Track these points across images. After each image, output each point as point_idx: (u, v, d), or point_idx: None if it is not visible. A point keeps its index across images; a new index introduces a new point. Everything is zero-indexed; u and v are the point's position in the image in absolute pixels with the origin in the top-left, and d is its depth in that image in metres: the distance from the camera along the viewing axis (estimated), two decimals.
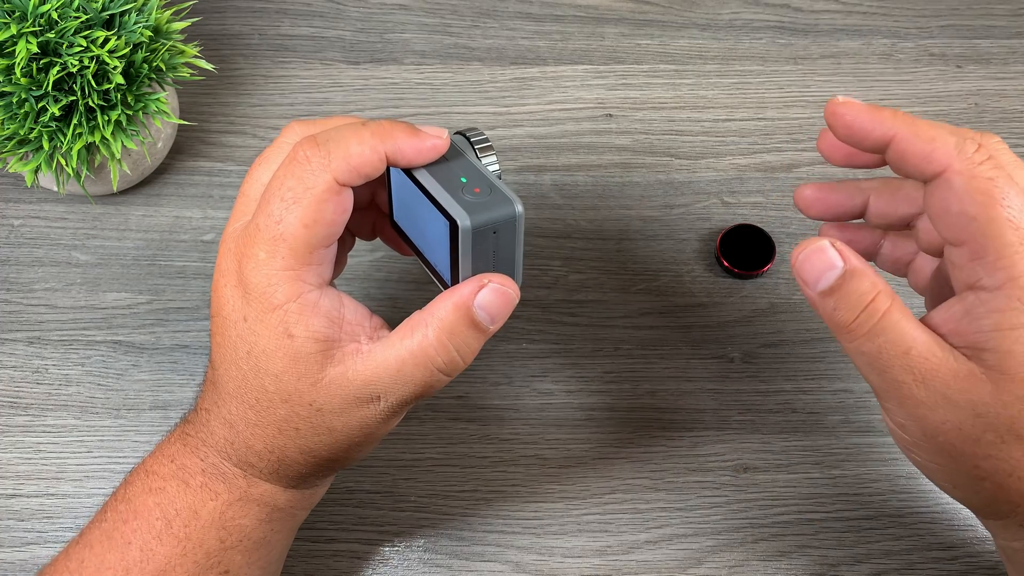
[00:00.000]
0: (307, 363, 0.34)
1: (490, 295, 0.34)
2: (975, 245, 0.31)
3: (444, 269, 0.36)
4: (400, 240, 0.41)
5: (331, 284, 0.36)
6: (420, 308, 0.35)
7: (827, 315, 0.33)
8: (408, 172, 0.36)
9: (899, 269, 0.41)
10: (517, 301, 0.35)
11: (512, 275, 0.36)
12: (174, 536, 0.36)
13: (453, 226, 0.34)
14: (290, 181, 0.33)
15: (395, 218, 0.39)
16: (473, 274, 0.35)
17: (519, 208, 0.35)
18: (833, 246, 0.32)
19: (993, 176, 0.30)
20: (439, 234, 0.35)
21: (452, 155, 0.36)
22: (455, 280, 0.35)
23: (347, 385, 0.34)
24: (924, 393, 0.32)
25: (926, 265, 0.39)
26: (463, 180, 0.35)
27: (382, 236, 0.43)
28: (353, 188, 0.34)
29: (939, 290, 0.38)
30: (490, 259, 0.35)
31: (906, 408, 0.33)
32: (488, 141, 0.39)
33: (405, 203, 0.38)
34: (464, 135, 0.39)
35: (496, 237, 0.35)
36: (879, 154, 0.33)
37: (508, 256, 0.36)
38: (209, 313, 0.37)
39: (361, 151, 0.34)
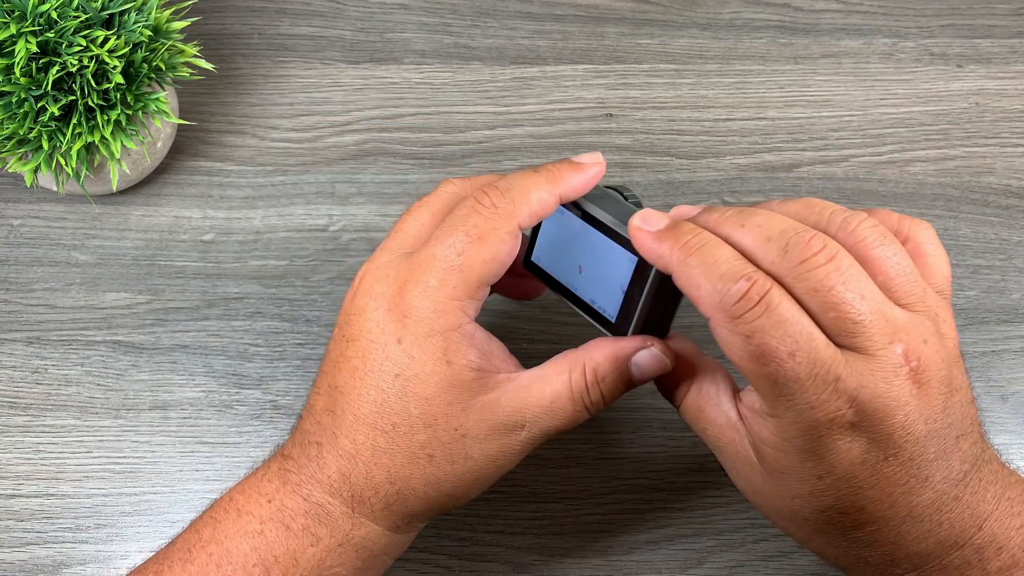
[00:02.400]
0: (462, 389, 0.35)
1: (648, 358, 0.37)
2: (750, 381, 0.33)
3: (610, 305, 0.38)
4: (519, 282, 0.42)
5: None
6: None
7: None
8: (580, 209, 0.38)
9: None
10: (669, 369, 0.37)
11: (668, 324, 0.38)
12: None
13: (644, 263, 0.35)
14: (476, 219, 0.35)
15: (533, 258, 0.41)
16: (649, 313, 0.36)
17: None
18: (653, 349, 0.37)
19: (751, 332, 0.31)
20: (615, 271, 0.37)
21: (611, 199, 0.38)
22: (626, 315, 0.37)
23: (498, 411, 0.35)
24: (721, 459, 0.37)
25: None
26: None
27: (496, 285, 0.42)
28: None
29: None
30: (661, 303, 0.37)
31: (722, 463, 0.37)
32: (638, 198, 0.40)
33: (560, 242, 0.39)
34: (617, 190, 0.40)
35: (671, 281, 0.35)
36: None
37: (673, 306, 0.37)
38: (342, 335, 0.37)
39: (540, 196, 0.36)
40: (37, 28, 0.46)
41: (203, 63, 0.52)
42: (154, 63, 0.50)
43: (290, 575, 0.35)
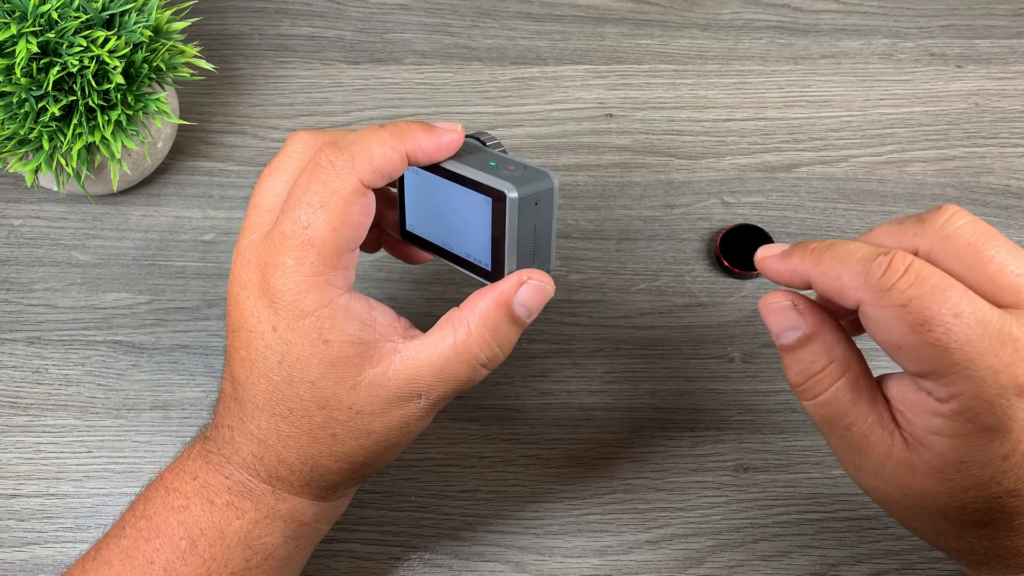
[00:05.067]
0: (345, 367, 0.34)
1: (530, 291, 0.35)
2: (913, 369, 0.30)
3: (482, 254, 0.37)
4: (408, 250, 0.41)
5: None
6: (420, 307, 0.35)
7: (784, 368, 0.34)
8: (433, 167, 0.36)
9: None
10: (552, 294, 0.36)
11: (548, 254, 0.37)
12: (199, 556, 0.36)
13: (498, 201, 0.34)
14: (315, 186, 0.33)
15: (408, 227, 0.40)
16: (519, 249, 0.35)
17: (555, 180, 0.36)
18: (797, 306, 0.33)
19: (907, 300, 0.29)
20: (477, 218, 0.36)
21: (470, 149, 0.37)
22: (498, 258, 0.36)
23: (388, 385, 0.35)
24: (860, 461, 0.33)
25: None
26: (492, 164, 0.36)
27: (388, 248, 0.43)
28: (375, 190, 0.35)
29: None
30: (531, 234, 0.36)
31: (847, 466, 0.34)
32: (501, 144, 0.39)
33: (425, 204, 0.38)
34: (476, 138, 0.39)
35: (538, 209, 0.35)
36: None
37: (546, 232, 0.36)
38: (226, 325, 0.37)
39: (383, 151, 0.34)
40: (38, 28, 0.46)
41: (203, 63, 0.52)
42: (154, 63, 0.50)
43: (217, 547, 0.36)
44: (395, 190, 0.40)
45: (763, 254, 0.34)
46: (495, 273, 0.37)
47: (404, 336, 0.36)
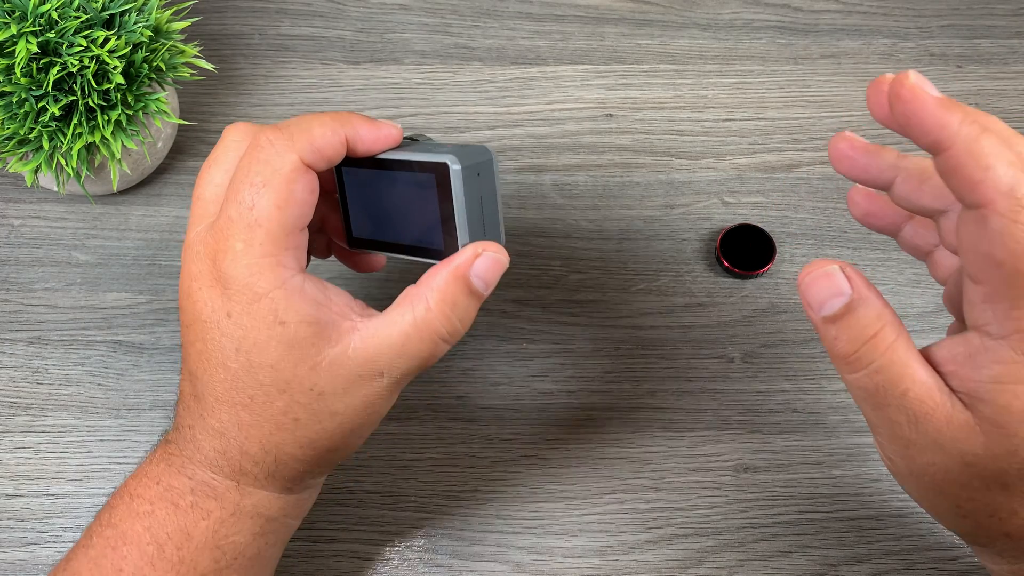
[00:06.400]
0: (303, 347, 0.34)
1: (486, 262, 0.35)
2: (992, 289, 0.29)
3: (434, 236, 0.37)
4: (358, 258, 0.42)
5: None
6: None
7: (828, 343, 0.32)
8: (372, 160, 0.37)
9: (919, 256, 0.39)
10: (508, 266, 0.36)
11: (498, 229, 0.37)
12: (167, 561, 0.35)
13: (442, 174, 0.35)
14: (256, 166, 0.34)
15: (355, 234, 0.40)
16: (468, 223, 0.35)
17: (493, 153, 0.36)
18: (843, 271, 0.31)
19: None
20: (422, 199, 0.36)
21: (406, 145, 0.38)
22: (449, 235, 0.36)
23: (348, 364, 0.34)
24: (915, 435, 0.31)
25: (946, 260, 0.37)
26: (429, 148, 0.36)
27: (339, 256, 0.43)
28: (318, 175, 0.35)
29: (957, 294, 0.36)
30: (479, 206, 0.36)
31: (896, 445, 0.32)
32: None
33: (368, 205, 0.38)
34: (413, 139, 0.39)
35: (480, 180, 0.35)
36: (929, 152, 0.30)
37: (492, 206, 0.36)
38: (183, 322, 0.36)
39: (323, 132, 0.34)
40: (38, 28, 0.46)
41: (203, 63, 0.52)
42: (154, 63, 0.50)
43: (184, 549, 0.36)
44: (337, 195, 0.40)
45: (915, 79, 0.29)
46: (448, 251, 0.36)
47: (361, 315, 0.35)
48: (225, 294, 0.34)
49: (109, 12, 0.48)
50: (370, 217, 0.39)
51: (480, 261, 0.35)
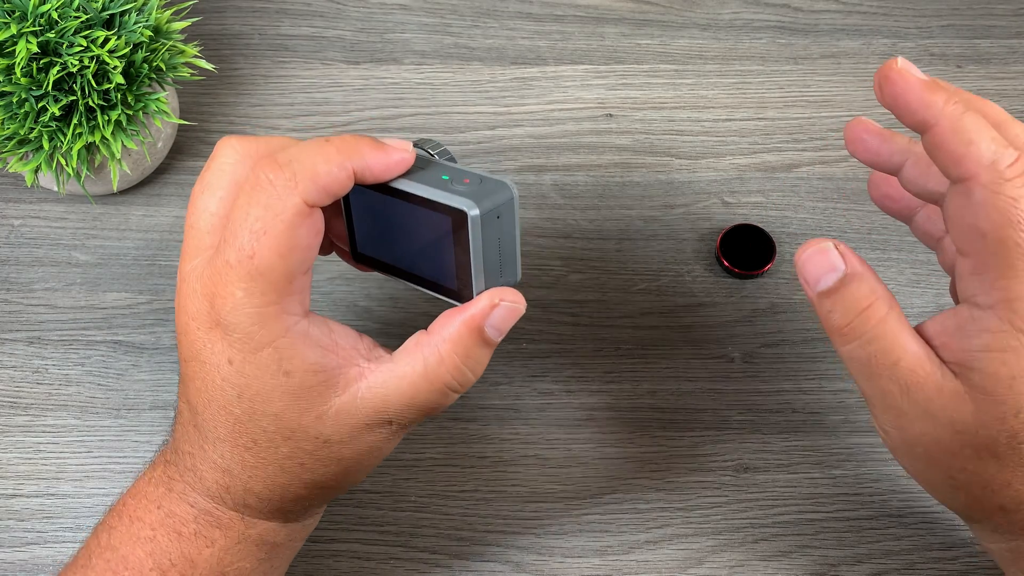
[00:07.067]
0: (309, 397, 0.33)
1: (502, 312, 0.34)
2: (979, 260, 0.30)
3: (446, 274, 0.35)
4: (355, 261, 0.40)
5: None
6: (419, 305, 0.35)
7: (823, 316, 0.33)
8: (382, 187, 0.34)
9: (930, 243, 0.39)
10: (524, 311, 0.35)
11: (514, 266, 0.35)
12: None
13: (459, 220, 0.33)
14: (256, 210, 0.31)
15: (360, 249, 0.38)
16: (485, 268, 0.34)
17: (514, 188, 0.34)
18: (836, 248, 0.32)
19: (1018, 196, 0.29)
20: (436, 238, 0.34)
21: (418, 163, 0.35)
22: (464, 279, 0.34)
23: (356, 413, 0.33)
24: (907, 404, 0.32)
25: (953, 247, 0.38)
26: (445, 178, 0.34)
27: (340, 255, 0.42)
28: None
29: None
30: (496, 249, 0.34)
31: (889, 415, 0.33)
32: (448, 152, 0.37)
33: (376, 225, 0.36)
34: (422, 147, 0.37)
35: (500, 223, 0.34)
36: (917, 131, 0.31)
37: (511, 244, 0.35)
38: (180, 355, 0.35)
39: (328, 169, 0.32)
40: (38, 28, 0.46)
41: (203, 63, 0.52)
42: (154, 63, 0.50)
43: (189, 575, 0.35)
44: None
45: (902, 64, 0.31)
46: (461, 293, 0.35)
47: (369, 358, 0.34)
48: (226, 340, 0.32)
49: (109, 12, 0.48)
50: (377, 238, 0.37)
51: (497, 312, 0.34)
